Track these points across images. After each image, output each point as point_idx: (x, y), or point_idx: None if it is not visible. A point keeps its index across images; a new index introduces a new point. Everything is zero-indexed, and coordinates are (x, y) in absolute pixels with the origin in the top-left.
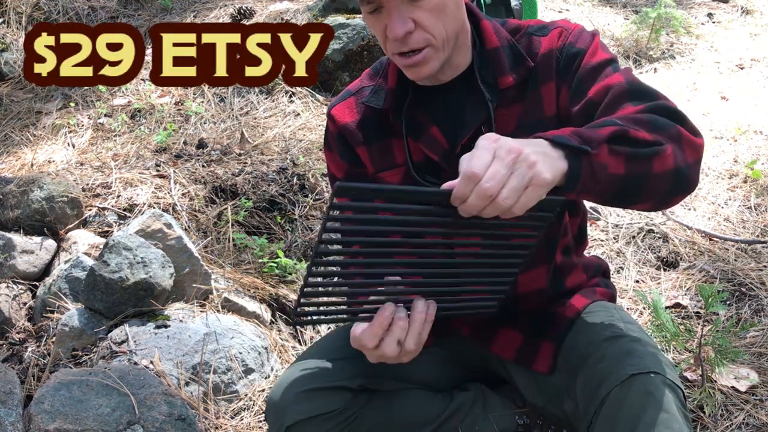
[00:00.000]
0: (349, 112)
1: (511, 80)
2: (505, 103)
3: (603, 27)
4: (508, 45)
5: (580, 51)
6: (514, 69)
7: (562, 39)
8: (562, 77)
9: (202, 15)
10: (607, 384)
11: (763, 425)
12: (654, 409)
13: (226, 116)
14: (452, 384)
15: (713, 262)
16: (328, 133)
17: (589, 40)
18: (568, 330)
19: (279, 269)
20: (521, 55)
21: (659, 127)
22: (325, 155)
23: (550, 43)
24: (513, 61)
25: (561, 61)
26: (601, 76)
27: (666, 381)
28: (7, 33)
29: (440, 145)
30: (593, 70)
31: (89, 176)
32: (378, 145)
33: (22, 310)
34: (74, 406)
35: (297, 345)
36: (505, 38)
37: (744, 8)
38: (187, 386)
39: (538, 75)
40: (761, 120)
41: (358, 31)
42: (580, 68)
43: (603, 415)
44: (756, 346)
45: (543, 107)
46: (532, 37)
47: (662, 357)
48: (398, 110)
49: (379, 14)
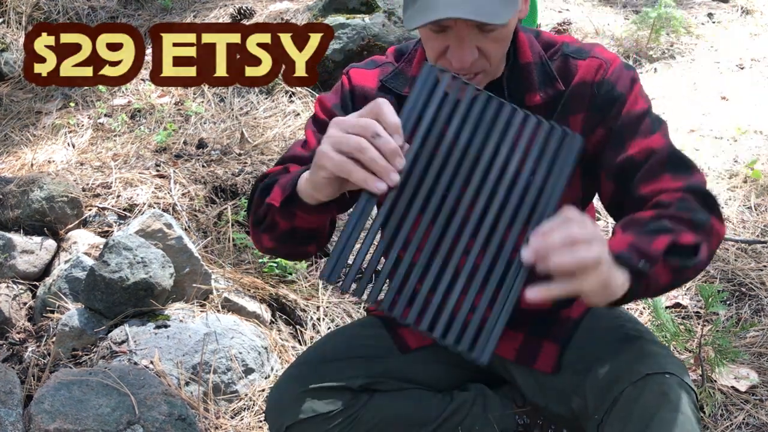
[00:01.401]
0: (370, 79)
1: (538, 99)
2: None
3: (603, 27)
4: (540, 61)
5: (620, 96)
6: (543, 88)
7: (601, 74)
8: (598, 116)
9: (202, 15)
10: (620, 383)
11: (763, 425)
12: (668, 410)
13: (226, 116)
14: (452, 384)
15: (713, 262)
16: (336, 86)
17: (629, 84)
18: (573, 330)
19: (279, 269)
20: (552, 75)
21: (699, 225)
22: (317, 101)
23: (587, 73)
24: (543, 79)
25: (597, 98)
26: (642, 130)
27: (681, 382)
28: (7, 33)
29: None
30: (635, 121)
31: (89, 176)
32: None
33: (22, 310)
34: (74, 406)
35: (297, 345)
36: (537, 53)
37: (744, 8)
38: (187, 386)
39: (569, 102)
40: (761, 120)
41: (358, 31)
42: (621, 115)
43: (615, 414)
44: (756, 346)
45: None
46: (568, 59)
47: (675, 358)
48: None
49: (444, 35)
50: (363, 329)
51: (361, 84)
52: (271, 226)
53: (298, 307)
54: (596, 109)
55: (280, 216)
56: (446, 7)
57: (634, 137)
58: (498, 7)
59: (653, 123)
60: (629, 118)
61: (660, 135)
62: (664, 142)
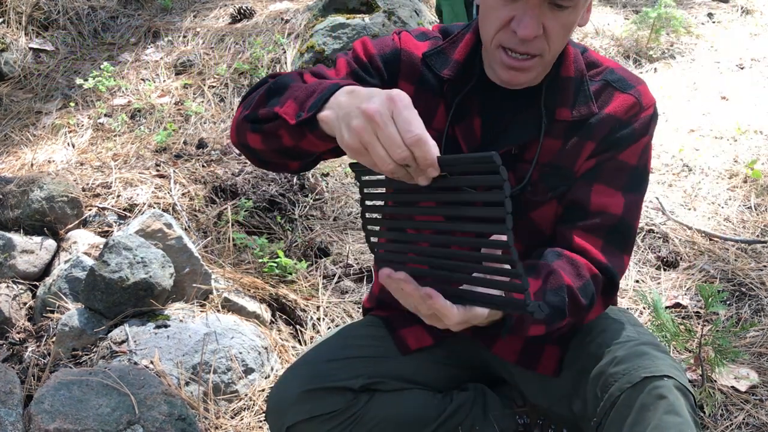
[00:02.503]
0: (418, 45)
1: (568, 115)
2: (552, 134)
3: (603, 27)
4: (580, 78)
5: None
6: (576, 106)
7: (630, 114)
8: (601, 148)
9: (202, 15)
10: (618, 385)
11: (763, 425)
12: (666, 413)
13: (226, 116)
14: (452, 384)
15: (713, 262)
16: (386, 39)
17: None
18: (573, 333)
19: (279, 269)
20: (588, 95)
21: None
22: (363, 42)
23: (620, 107)
24: (578, 97)
25: (612, 135)
26: (615, 182)
27: (678, 385)
28: (7, 33)
29: (474, 139)
30: (616, 171)
31: (89, 176)
32: (428, 97)
33: (22, 310)
34: (74, 405)
35: (297, 345)
36: (579, 70)
37: (744, 8)
38: (187, 386)
39: (593, 127)
40: (761, 120)
41: (358, 31)
42: (613, 158)
43: (613, 416)
44: (756, 346)
45: (577, 161)
46: (609, 87)
47: (673, 360)
48: (455, 88)
49: (513, 3)
50: (363, 329)
51: (410, 50)
52: (271, 135)
53: (298, 307)
54: (605, 143)
55: (287, 132)
56: None
57: (605, 184)
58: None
59: (631, 183)
60: (614, 165)
61: (625, 199)
62: (621, 210)
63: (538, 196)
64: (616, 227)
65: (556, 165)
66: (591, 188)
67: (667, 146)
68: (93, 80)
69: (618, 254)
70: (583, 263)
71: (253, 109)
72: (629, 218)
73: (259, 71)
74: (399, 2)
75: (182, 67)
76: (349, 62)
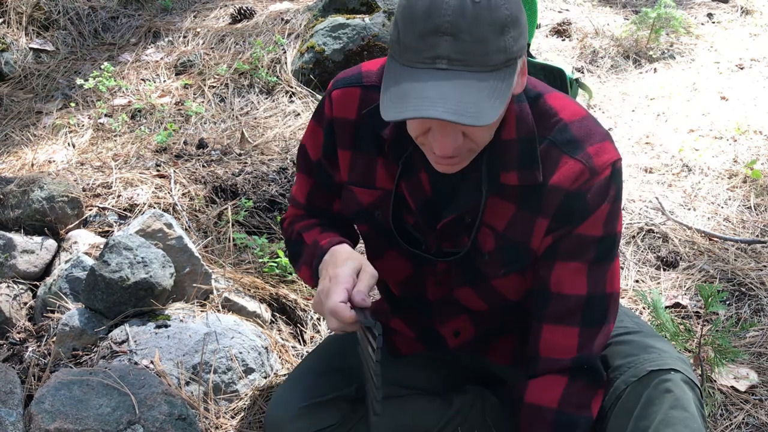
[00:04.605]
0: (350, 106)
1: (514, 180)
2: (503, 195)
3: (603, 27)
4: (526, 139)
5: (583, 213)
6: (521, 169)
7: (579, 184)
8: (556, 224)
9: (202, 15)
10: (624, 378)
11: (762, 425)
12: (673, 407)
13: (226, 116)
14: (450, 387)
15: (713, 262)
16: (323, 110)
17: (600, 202)
18: None
19: (279, 269)
20: (535, 159)
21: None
22: (310, 125)
23: (566, 177)
24: (524, 159)
25: (563, 208)
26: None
27: (685, 379)
28: (7, 33)
29: (424, 194)
30: (578, 247)
31: (89, 176)
32: (364, 159)
33: (22, 310)
34: (75, 405)
35: (297, 345)
36: (526, 128)
37: (744, 8)
38: (188, 386)
39: (541, 202)
40: (761, 120)
41: (358, 31)
42: (571, 233)
43: (618, 410)
44: (756, 346)
45: (531, 236)
46: (553, 149)
47: (678, 353)
48: (399, 149)
49: (427, 120)
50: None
51: (341, 116)
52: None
53: (298, 307)
54: (559, 219)
55: (314, 284)
56: (425, 102)
57: (565, 261)
58: (484, 105)
59: (598, 254)
60: (575, 240)
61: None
62: (586, 289)
63: (492, 270)
64: (588, 306)
65: (509, 237)
66: (551, 269)
67: (667, 146)
68: (93, 80)
69: (596, 332)
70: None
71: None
72: (601, 290)
73: (260, 71)
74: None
75: (182, 67)
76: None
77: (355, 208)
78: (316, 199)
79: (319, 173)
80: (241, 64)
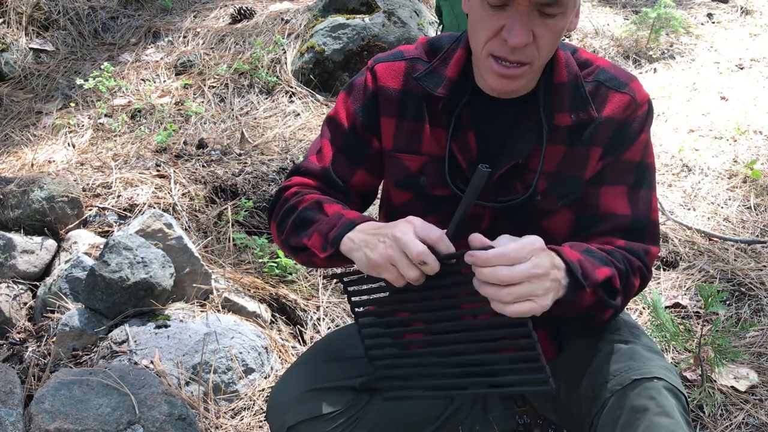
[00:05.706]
0: (395, 77)
1: (569, 120)
2: (554, 140)
3: (603, 27)
4: (574, 81)
5: (629, 139)
6: (574, 110)
7: (628, 113)
8: (607, 151)
9: (202, 15)
10: (609, 386)
11: (762, 425)
12: (657, 415)
13: (226, 116)
14: None
15: (713, 262)
16: (361, 84)
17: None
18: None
19: (279, 269)
20: (586, 99)
21: (628, 287)
22: (341, 98)
23: (618, 108)
24: (575, 101)
25: (616, 137)
26: (620, 185)
27: (669, 386)
28: (7, 33)
29: (471, 153)
30: (623, 170)
31: (89, 176)
32: (410, 125)
33: (22, 310)
34: (75, 405)
35: (297, 345)
36: (573, 73)
37: (744, 8)
38: (188, 386)
39: (596, 133)
40: (761, 120)
41: (358, 31)
42: (618, 158)
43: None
44: (756, 346)
45: (585, 167)
46: (601, 88)
47: (665, 362)
48: (451, 105)
49: (502, 12)
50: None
51: (386, 85)
52: (307, 259)
53: (298, 307)
54: (611, 146)
55: (321, 261)
56: None
57: (612, 185)
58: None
59: (638, 179)
60: (620, 165)
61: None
62: (630, 210)
63: (548, 205)
64: (632, 227)
65: (563, 173)
66: (599, 192)
67: (667, 146)
68: (93, 80)
69: (643, 240)
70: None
71: (286, 237)
72: (643, 214)
73: (259, 71)
74: (399, 2)
75: (182, 67)
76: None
77: (402, 175)
78: (338, 167)
79: (351, 139)
80: (241, 64)
